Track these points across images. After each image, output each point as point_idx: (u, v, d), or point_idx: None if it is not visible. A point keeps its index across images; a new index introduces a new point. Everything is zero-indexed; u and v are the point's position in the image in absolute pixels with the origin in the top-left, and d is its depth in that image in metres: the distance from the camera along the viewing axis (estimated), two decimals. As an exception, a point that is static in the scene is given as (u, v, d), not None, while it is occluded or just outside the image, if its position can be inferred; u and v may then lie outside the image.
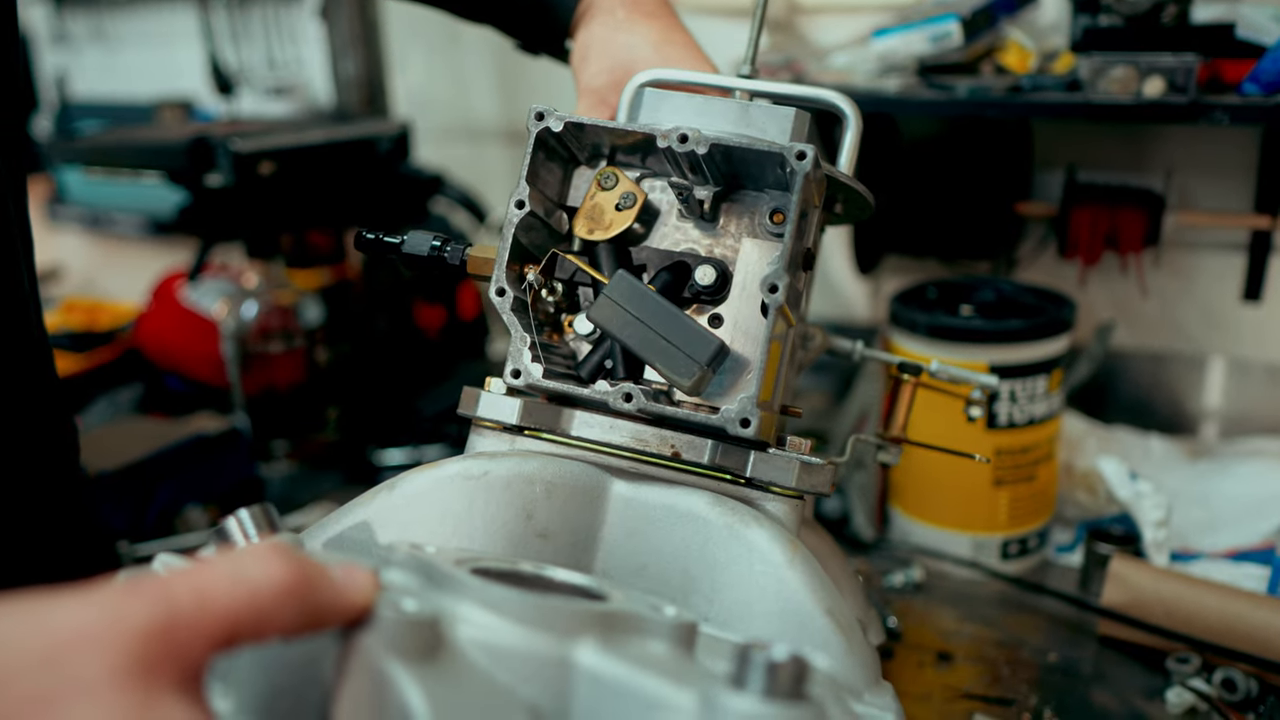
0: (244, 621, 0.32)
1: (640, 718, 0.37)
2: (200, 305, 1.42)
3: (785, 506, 0.59)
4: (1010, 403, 0.98)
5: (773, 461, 0.58)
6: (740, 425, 0.55)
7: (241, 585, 0.32)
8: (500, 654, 0.38)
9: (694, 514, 0.55)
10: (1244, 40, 0.98)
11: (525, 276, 0.62)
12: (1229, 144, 1.17)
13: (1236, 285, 1.21)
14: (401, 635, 0.35)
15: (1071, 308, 1.01)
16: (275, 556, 0.33)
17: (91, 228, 2.21)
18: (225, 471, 1.15)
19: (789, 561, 0.54)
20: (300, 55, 1.85)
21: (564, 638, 0.38)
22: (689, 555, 0.55)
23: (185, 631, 0.31)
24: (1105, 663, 0.89)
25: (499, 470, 0.55)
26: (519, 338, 0.59)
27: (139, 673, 0.29)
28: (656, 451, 0.59)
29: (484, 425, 0.61)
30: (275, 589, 0.32)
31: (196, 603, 0.31)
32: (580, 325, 0.64)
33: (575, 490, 0.56)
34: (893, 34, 1.10)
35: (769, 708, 0.34)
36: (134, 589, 0.31)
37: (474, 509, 0.54)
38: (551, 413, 0.60)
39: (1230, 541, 1.02)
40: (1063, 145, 1.24)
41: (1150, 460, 1.17)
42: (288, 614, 0.33)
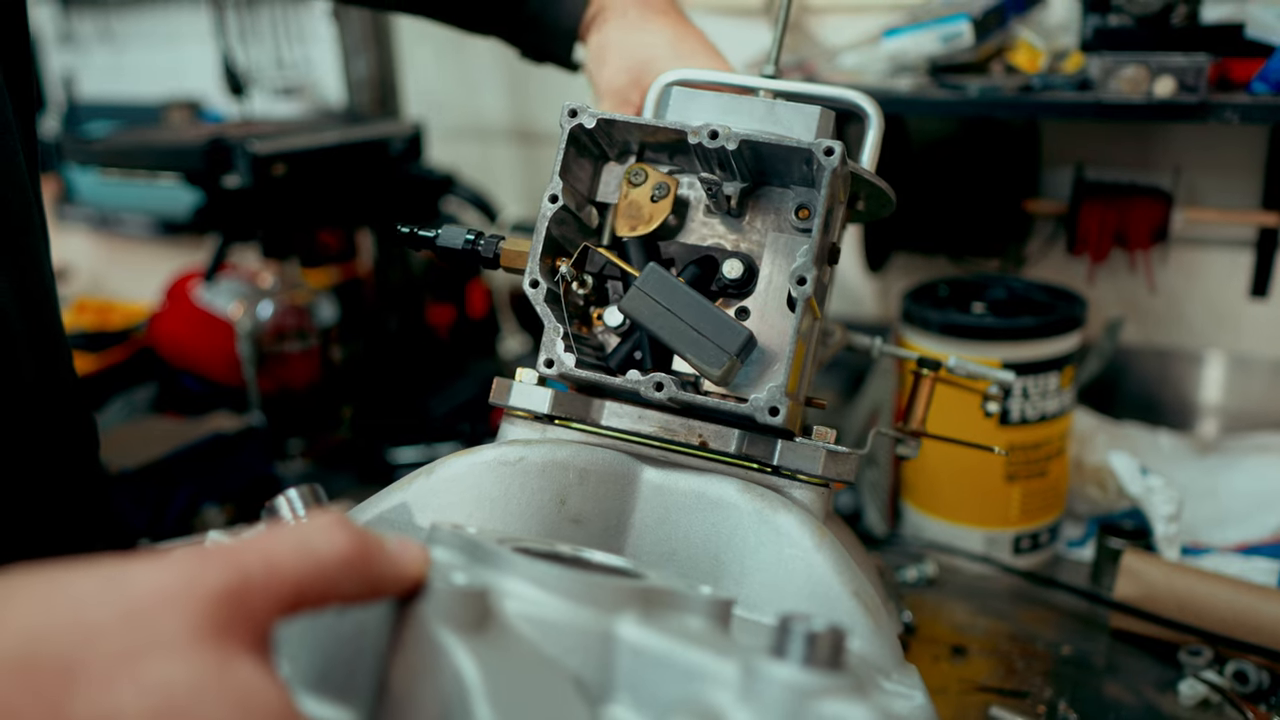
0: (309, 589, 0.34)
1: (682, 687, 0.38)
2: (215, 305, 1.43)
3: (812, 494, 0.60)
4: (1022, 399, 0.99)
5: (799, 450, 0.59)
6: (770, 414, 0.56)
7: (308, 554, 0.33)
8: (546, 627, 0.39)
9: (724, 500, 0.57)
10: (1253, 39, 0.99)
11: (558, 269, 0.63)
12: (1237, 142, 1.18)
13: (1244, 282, 1.22)
14: (454, 606, 0.37)
15: (1083, 305, 1.02)
16: (338, 527, 0.35)
17: (100, 228, 2.22)
18: (242, 470, 1.16)
19: (817, 545, 0.55)
20: (309, 55, 1.86)
21: (607, 612, 0.40)
22: (719, 540, 0.56)
23: (256, 596, 0.32)
24: (1118, 656, 0.90)
25: (534, 456, 0.57)
26: (552, 328, 0.61)
27: (216, 633, 0.31)
28: (684, 441, 0.61)
29: (516, 414, 0.62)
30: (339, 558, 0.34)
31: (266, 570, 0.32)
32: (610, 317, 0.66)
33: (607, 476, 0.58)
34: (904, 34, 1.11)
35: (809, 676, 0.35)
36: (206, 555, 0.32)
37: (509, 493, 0.56)
38: (581, 403, 0.62)
39: (1240, 536, 1.03)
40: (1071, 143, 1.25)
41: (1159, 455, 1.18)
42: (350, 582, 0.35)
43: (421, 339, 1.53)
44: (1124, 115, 0.99)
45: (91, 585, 0.30)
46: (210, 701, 0.30)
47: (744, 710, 0.35)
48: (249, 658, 0.32)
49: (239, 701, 0.30)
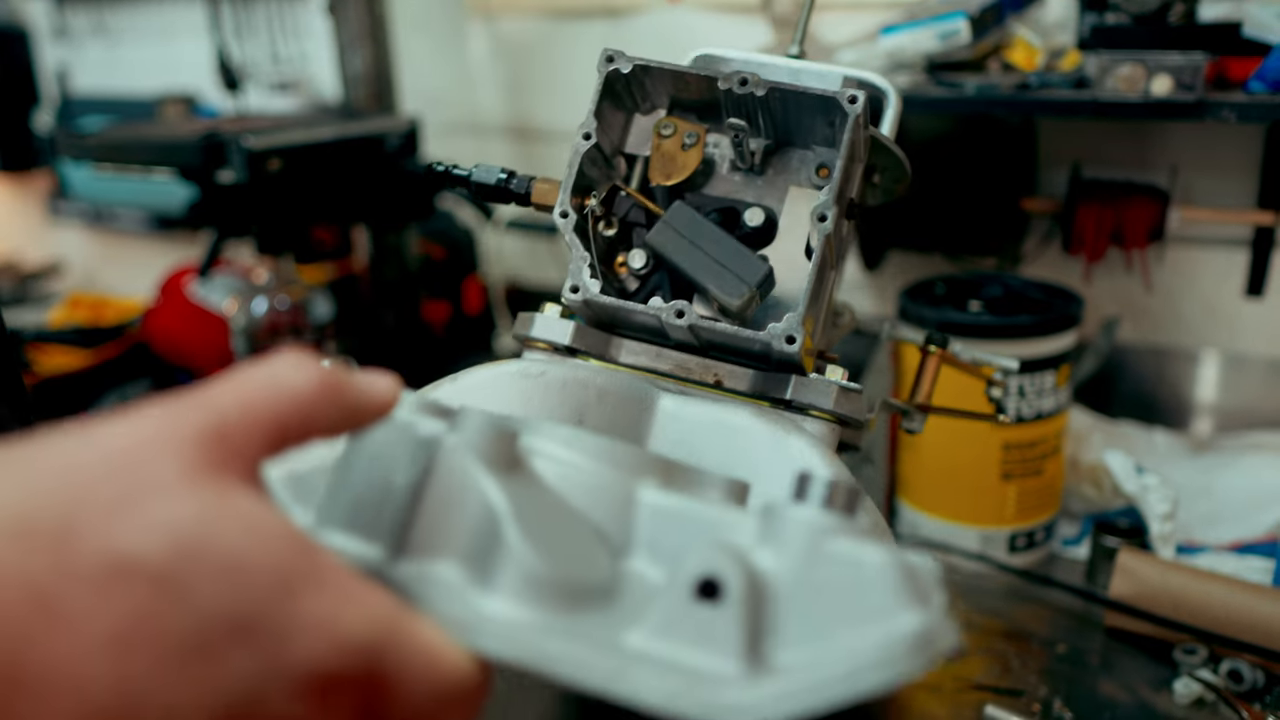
0: (288, 423, 0.33)
1: (702, 535, 0.39)
2: (209, 301, 1.43)
3: (823, 428, 0.62)
4: (1019, 397, 0.99)
5: (812, 385, 0.60)
6: (786, 341, 0.57)
7: (280, 389, 0.33)
8: (571, 482, 0.41)
9: (738, 424, 0.58)
10: (1250, 38, 0.99)
11: (586, 205, 0.64)
12: (1233, 141, 1.18)
13: (1239, 281, 1.22)
14: (485, 440, 0.38)
15: (1079, 303, 1.03)
16: (306, 362, 0.35)
17: (93, 223, 2.21)
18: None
19: (825, 464, 0.56)
20: (304, 50, 1.85)
21: (630, 475, 0.42)
22: (732, 462, 0.57)
23: (238, 434, 0.32)
24: (1113, 654, 0.90)
25: (555, 372, 0.58)
26: (579, 256, 0.62)
27: (207, 469, 0.31)
28: (700, 379, 0.62)
29: (536, 345, 0.64)
30: (311, 390, 0.34)
31: (241, 408, 0.32)
32: (634, 260, 0.67)
33: (625, 398, 0.59)
34: (901, 31, 1.11)
35: (827, 516, 0.36)
36: (180, 402, 0.32)
37: (530, 404, 0.57)
38: (601, 339, 0.63)
39: (1234, 534, 1.03)
40: (1067, 142, 1.25)
41: (1154, 454, 1.18)
42: (326, 413, 0.35)
43: (417, 335, 1.53)
44: (1121, 114, 0.99)
45: (70, 445, 0.30)
46: (219, 531, 0.30)
47: (765, 549, 0.37)
48: (244, 490, 0.31)
49: (247, 528, 0.30)
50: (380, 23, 1.40)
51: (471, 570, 0.36)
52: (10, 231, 2.44)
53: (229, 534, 0.30)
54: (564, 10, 1.59)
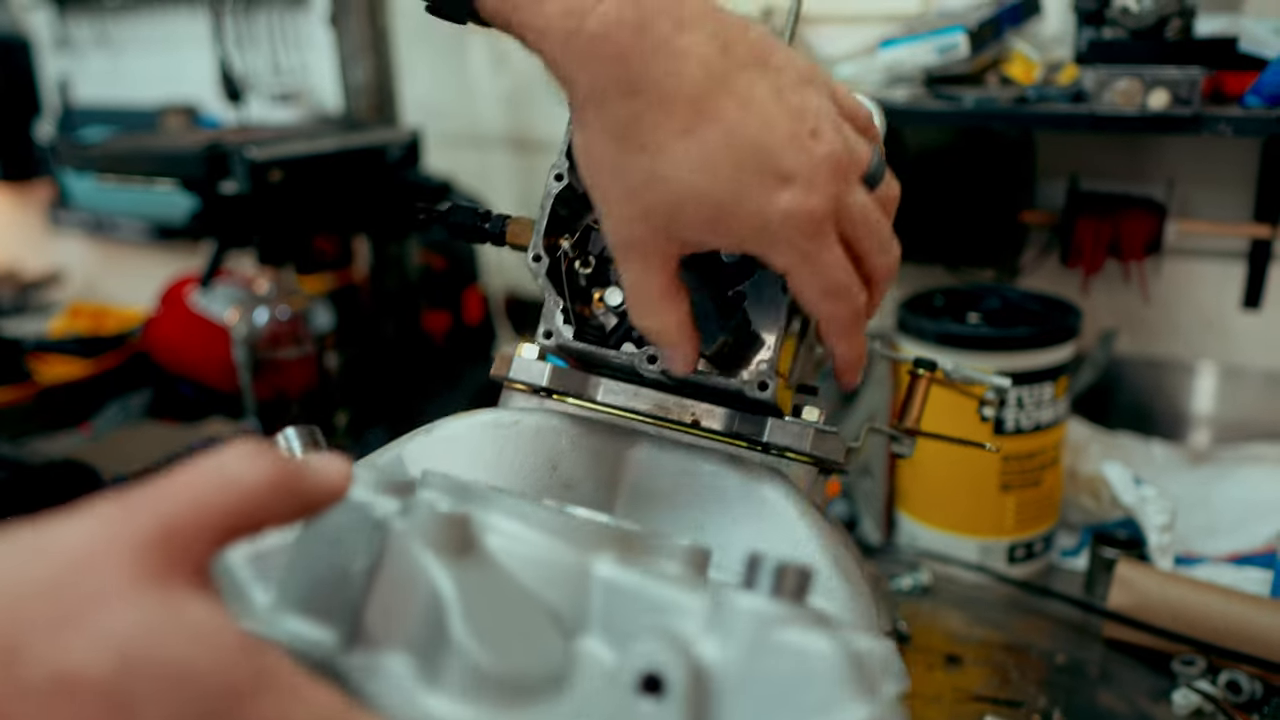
0: (239, 518, 0.34)
1: (652, 619, 0.39)
2: (210, 311, 1.43)
3: (799, 471, 0.62)
4: (1017, 409, 1.00)
5: (788, 428, 0.60)
6: (758, 388, 0.58)
7: (231, 484, 0.33)
8: (525, 560, 0.41)
9: (711, 471, 0.58)
10: (1246, 53, 1.00)
11: (560, 246, 0.64)
12: (1230, 154, 1.19)
13: (1236, 293, 1.23)
14: (435, 528, 0.38)
15: (1077, 315, 1.03)
16: (258, 455, 0.35)
17: (94, 233, 2.21)
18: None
19: (799, 515, 0.56)
20: (306, 62, 1.86)
21: (585, 550, 0.41)
22: (704, 510, 0.58)
23: (187, 534, 0.32)
24: (1111, 665, 0.91)
25: (528, 421, 0.59)
26: (552, 301, 0.62)
27: (154, 577, 0.31)
28: (677, 418, 0.62)
29: (514, 387, 0.64)
30: (262, 485, 0.34)
31: (192, 506, 0.32)
32: (610, 298, 0.66)
33: (598, 445, 0.59)
34: (899, 45, 1.12)
35: (774, 606, 0.36)
36: (128, 502, 0.32)
37: (503, 455, 0.58)
38: (579, 378, 0.64)
39: (1232, 546, 1.04)
40: (1065, 155, 1.26)
41: (1152, 465, 1.19)
42: (278, 506, 0.35)
43: (417, 346, 1.53)
44: (1118, 127, 0.99)
45: (14, 556, 0.30)
46: (165, 642, 0.30)
47: (710, 638, 0.36)
48: (193, 594, 0.32)
49: (193, 637, 0.30)
50: (382, 35, 1.41)
51: (420, 663, 0.36)
52: (11, 241, 2.44)
53: (175, 644, 0.30)
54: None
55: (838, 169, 0.48)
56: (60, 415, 1.38)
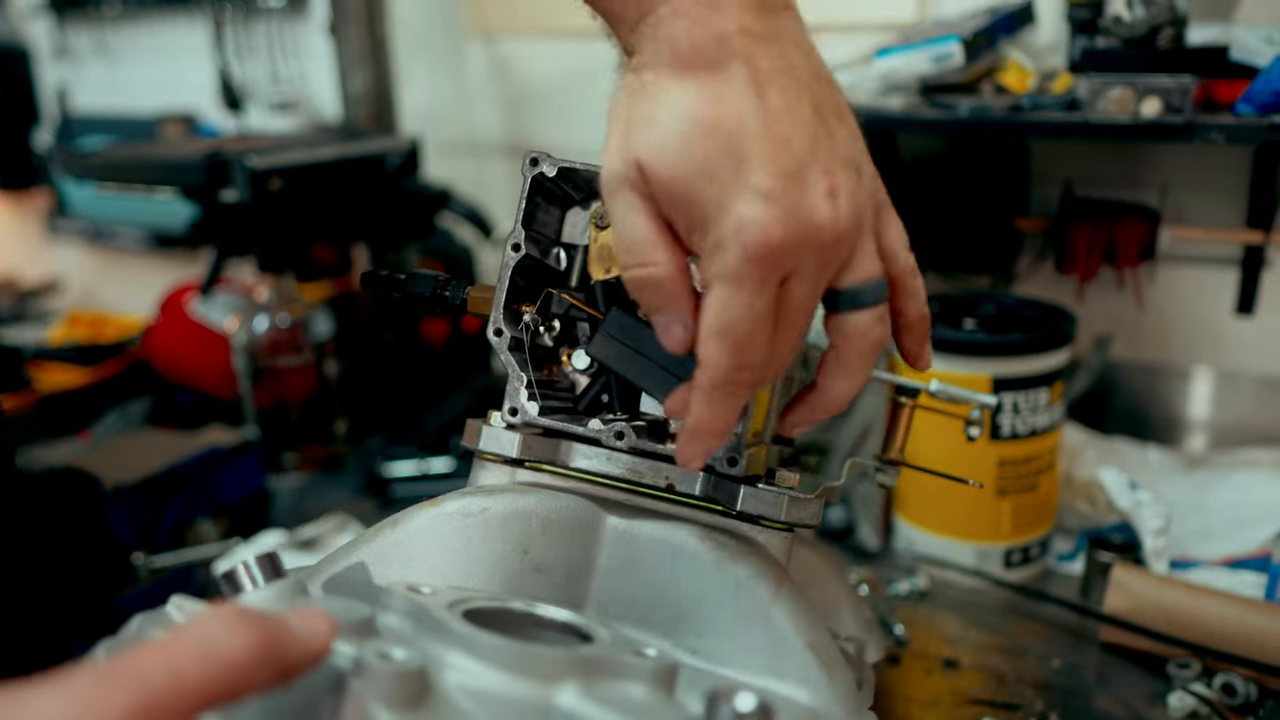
0: (219, 690, 0.33)
1: None
2: (210, 319, 1.44)
3: (775, 538, 0.61)
4: (1013, 414, 1.00)
5: (761, 496, 0.60)
6: (728, 464, 0.58)
7: (211, 656, 0.33)
8: (485, 699, 0.40)
9: (684, 549, 0.58)
10: (1237, 62, 1.01)
11: (522, 316, 0.63)
12: (1222, 161, 1.20)
13: (1230, 299, 1.24)
14: (390, 685, 0.37)
15: (1072, 321, 1.04)
16: (239, 623, 0.34)
17: (92, 241, 2.22)
18: (237, 484, 1.16)
19: (773, 596, 0.56)
20: (305, 70, 1.87)
21: (546, 683, 0.41)
22: (679, 589, 0.58)
23: (164, 711, 0.31)
24: (1108, 669, 0.91)
25: (496, 508, 0.58)
26: (516, 377, 0.61)
27: None
28: (651, 483, 0.61)
29: (486, 458, 0.63)
30: (243, 655, 0.33)
31: (170, 682, 0.32)
32: (578, 360, 0.66)
33: (570, 525, 0.59)
34: (895, 54, 1.12)
35: None
36: (105, 675, 0.31)
37: (472, 545, 0.57)
38: (550, 445, 0.63)
39: (1227, 550, 1.04)
40: (1059, 162, 1.27)
41: (1148, 470, 1.19)
42: (258, 675, 0.34)
43: (416, 353, 1.54)
44: (1111, 135, 1.00)
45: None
46: None
47: None
48: None
49: None
50: (381, 43, 1.42)
51: None
52: (9, 249, 2.45)
53: None
54: (561, 31, 1.61)
55: (824, 240, 0.45)
56: (59, 423, 1.38)
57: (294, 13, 1.86)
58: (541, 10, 1.62)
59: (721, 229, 0.44)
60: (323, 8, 1.80)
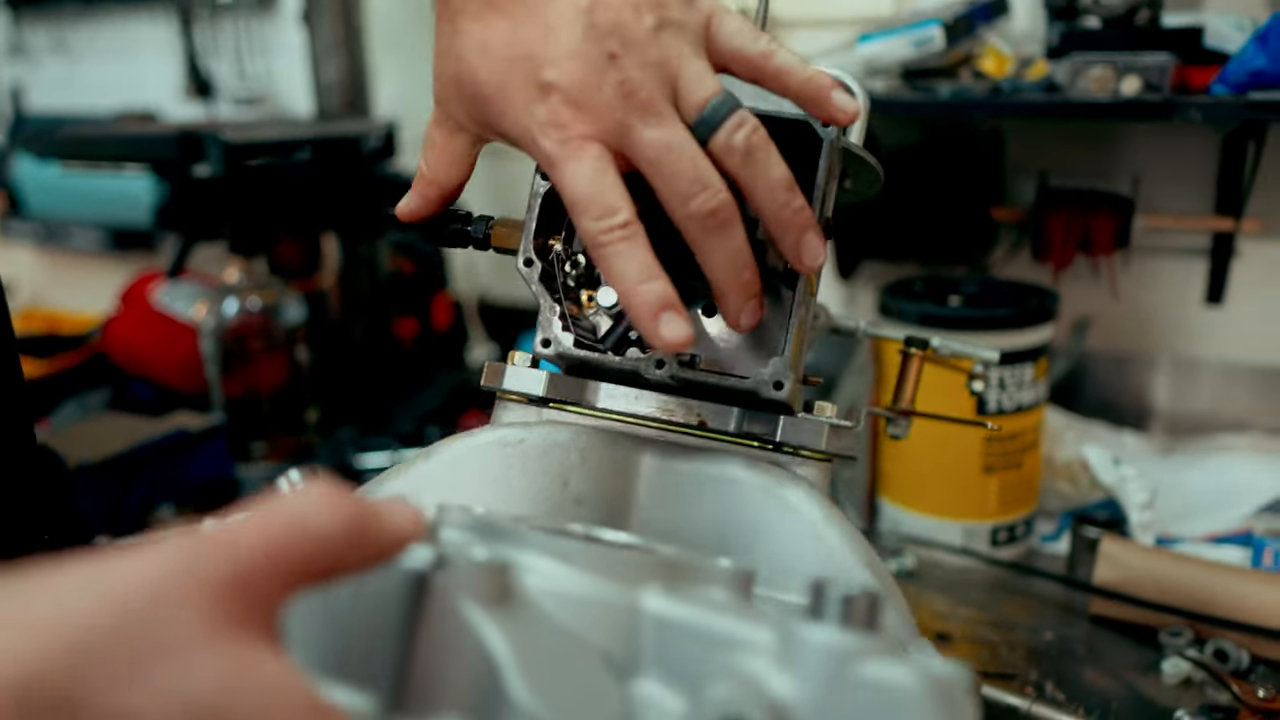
0: (312, 566, 0.31)
1: (714, 657, 0.36)
2: (174, 308, 1.40)
3: (815, 469, 0.59)
4: (999, 389, 1.00)
5: (802, 425, 0.58)
6: (774, 387, 0.55)
7: (305, 530, 0.31)
8: (569, 602, 0.38)
9: (728, 477, 0.56)
10: (1211, 48, 1.03)
11: (551, 248, 0.62)
12: (1192, 149, 1.22)
13: (1200, 288, 1.26)
14: (477, 579, 0.35)
15: (1055, 297, 1.05)
16: (333, 500, 0.33)
17: (44, 243, 2.16)
18: (203, 468, 1.12)
19: (826, 518, 0.54)
20: (271, 68, 1.85)
21: (630, 585, 0.39)
22: (725, 518, 0.55)
23: (260, 582, 0.30)
24: (1099, 640, 0.91)
25: (534, 438, 0.55)
26: (548, 307, 0.59)
27: (228, 627, 0.28)
28: (683, 421, 0.59)
29: (509, 398, 0.61)
30: (336, 530, 0.32)
31: (265, 554, 0.30)
32: (603, 297, 0.65)
33: (608, 458, 0.56)
34: (877, 39, 1.14)
35: (848, 637, 0.34)
36: (199, 543, 0.30)
37: (511, 475, 0.54)
38: (576, 385, 0.60)
39: (1208, 527, 1.05)
40: (1034, 152, 1.29)
41: (1124, 454, 1.20)
42: (350, 553, 0.33)
43: (386, 349, 1.51)
44: (1092, 114, 1.02)
45: (74, 595, 0.27)
46: (238, 700, 0.28)
47: (783, 675, 0.34)
48: (265, 648, 0.29)
49: (266, 692, 0.28)
50: (356, 32, 1.40)
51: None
52: (-44, 252, 2.37)
53: (248, 702, 0.28)
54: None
55: (625, 97, 0.47)
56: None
57: (260, 9, 1.84)
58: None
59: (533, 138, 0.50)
60: (292, 1, 1.79)
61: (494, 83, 0.51)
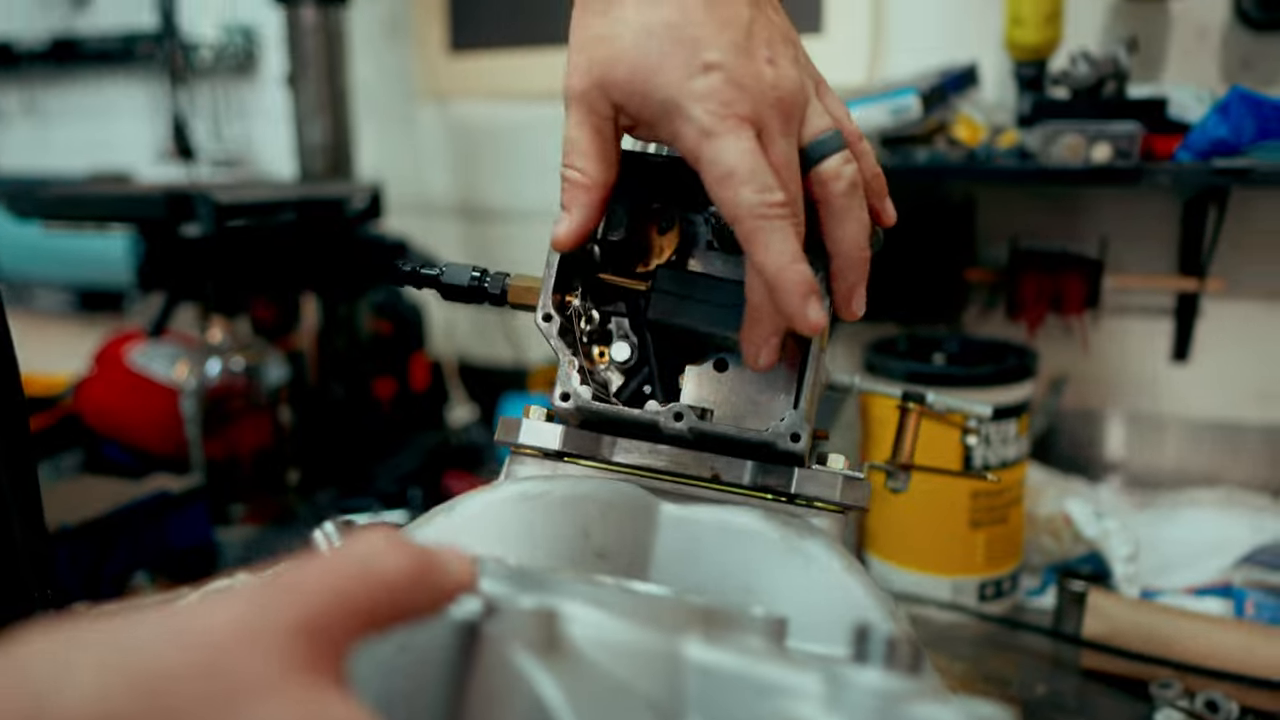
0: (379, 611, 0.32)
1: (760, 703, 0.37)
2: (150, 369, 1.38)
3: (829, 521, 0.60)
4: (985, 446, 1.02)
5: (816, 477, 0.59)
6: (791, 440, 0.56)
7: (373, 576, 0.32)
8: (613, 650, 0.37)
9: (748, 529, 0.56)
10: (1173, 118, 1.09)
11: (569, 304, 0.63)
12: (1155, 213, 1.28)
13: (1166, 346, 1.31)
14: (526, 626, 0.35)
15: (1034, 356, 1.08)
16: (397, 545, 0.33)
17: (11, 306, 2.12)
18: (183, 532, 1.10)
19: (847, 568, 0.55)
20: (249, 131, 1.86)
21: (671, 633, 0.39)
22: (747, 569, 0.55)
23: (328, 627, 0.30)
24: (1090, 694, 0.92)
25: (557, 491, 0.55)
26: (567, 361, 0.60)
27: (305, 668, 0.29)
28: (696, 474, 0.60)
29: (524, 452, 0.62)
30: (403, 577, 0.33)
31: (337, 599, 0.31)
32: (618, 353, 0.65)
33: (629, 510, 0.56)
34: (856, 107, 1.17)
35: (894, 680, 0.34)
36: (271, 588, 0.30)
37: (534, 529, 0.54)
38: (591, 439, 0.61)
39: (1187, 580, 1.07)
40: (1005, 217, 1.34)
41: (1102, 509, 1.23)
42: (415, 599, 0.33)
43: (366, 409, 1.50)
44: (1065, 180, 1.06)
45: (154, 637, 0.28)
46: None
47: (833, 718, 0.35)
48: (335, 691, 0.30)
49: None
50: (341, 95, 1.42)
51: None
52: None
53: None
54: (513, 94, 1.64)
55: (779, 96, 0.50)
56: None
57: (239, 72, 1.85)
58: (491, 74, 1.65)
59: (684, 106, 0.50)
60: (272, 66, 1.81)
61: (654, 57, 0.51)
